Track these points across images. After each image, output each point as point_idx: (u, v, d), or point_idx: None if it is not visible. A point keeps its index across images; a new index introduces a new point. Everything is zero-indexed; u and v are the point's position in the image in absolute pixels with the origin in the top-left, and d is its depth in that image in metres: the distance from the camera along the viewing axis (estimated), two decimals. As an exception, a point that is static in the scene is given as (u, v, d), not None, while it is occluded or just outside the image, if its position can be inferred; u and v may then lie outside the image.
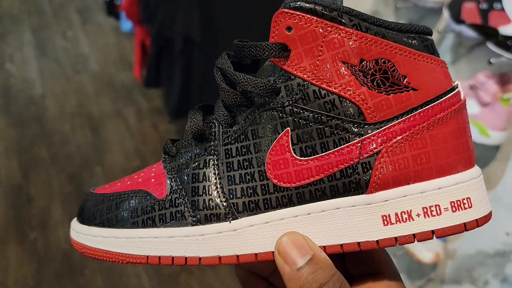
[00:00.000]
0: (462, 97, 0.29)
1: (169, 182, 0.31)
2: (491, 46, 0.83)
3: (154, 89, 2.02)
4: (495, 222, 1.00)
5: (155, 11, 1.66)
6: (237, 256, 0.29)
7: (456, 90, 0.29)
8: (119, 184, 0.34)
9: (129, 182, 0.33)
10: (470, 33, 0.86)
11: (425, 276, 1.16)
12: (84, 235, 0.32)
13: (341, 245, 0.28)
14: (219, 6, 1.56)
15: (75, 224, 0.34)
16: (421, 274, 1.16)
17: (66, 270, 1.35)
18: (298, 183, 0.28)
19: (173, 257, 0.30)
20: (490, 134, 0.89)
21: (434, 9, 1.04)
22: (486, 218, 0.28)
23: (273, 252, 0.28)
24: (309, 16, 0.27)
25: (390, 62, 0.27)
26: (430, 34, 0.29)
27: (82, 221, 0.33)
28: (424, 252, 1.08)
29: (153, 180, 0.32)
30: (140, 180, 0.33)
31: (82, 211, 0.34)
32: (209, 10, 1.55)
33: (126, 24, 2.26)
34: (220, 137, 0.31)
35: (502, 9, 0.84)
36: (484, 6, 0.86)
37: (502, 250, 0.95)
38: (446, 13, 0.92)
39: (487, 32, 0.83)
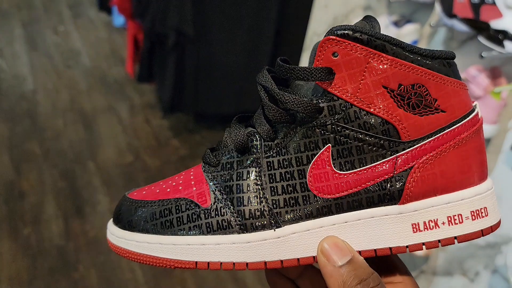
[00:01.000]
0: (479, 117, 0.32)
1: (212, 191, 0.33)
2: (482, 40, 0.84)
3: (147, 84, 2.01)
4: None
5: (148, 6, 1.66)
6: (281, 261, 0.31)
7: (476, 111, 0.32)
8: (157, 190, 0.35)
9: (168, 190, 0.34)
10: (462, 27, 0.87)
11: (417, 268, 1.17)
12: (127, 240, 0.34)
13: (375, 250, 0.31)
14: (212, 1, 1.56)
15: (114, 228, 0.35)
16: (413, 267, 1.18)
17: (60, 265, 1.35)
18: (338, 194, 0.31)
19: (221, 263, 0.32)
20: (481, 127, 0.90)
21: (426, 3, 1.05)
22: (498, 224, 0.32)
23: (313, 257, 0.31)
24: (355, 44, 0.30)
25: (424, 87, 0.30)
26: (454, 58, 0.31)
27: (124, 226, 0.34)
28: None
29: (194, 188, 0.33)
30: (180, 187, 0.34)
31: (120, 216, 0.35)
32: (201, 5, 1.55)
33: (118, 19, 2.25)
34: (262, 149, 0.32)
35: (494, 3, 0.85)
36: (475, 0, 0.86)
37: (493, 242, 0.97)
38: (438, 7, 0.92)
39: (479, 26, 0.84)
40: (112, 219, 0.36)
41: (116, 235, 0.34)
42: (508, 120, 0.90)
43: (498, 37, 0.82)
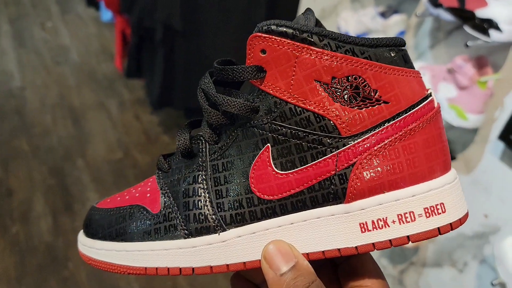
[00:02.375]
0: (435, 105, 0.30)
1: (162, 197, 0.33)
2: (468, 29, 0.83)
3: (136, 79, 2.00)
4: (473, 204, 1.01)
5: (135, 0, 1.64)
6: (227, 265, 0.31)
7: (429, 98, 0.30)
8: (119, 198, 0.36)
9: (127, 197, 0.35)
10: (447, 16, 0.86)
11: (407, 260, 1.17)
12: (89, 247, 0.35)
13: (323, 251, 0.30)
14: (200, -6, 1.55)
15: (81, 236, 0.36)
16: (403, 258, 1.18)
17: (49, 262, 1.34)
18: (280, 195, 0.30)
19: (168, 268, 0.32)
20: (468, 117, 0.90)
21: (413, -7, 1.04)
22: (461, 220, 0.30)
23: (260, 260, 0.30)
24: (281, 39, 0.29)
25: (361, 78, 0.28)
26: (403, 45, 0.30)
27: (87, 234, 0.35)
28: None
29: (148, 195, 0.34)
30: (137, 195, 0.35)
31: (87, 225, 0.36)
32: (190, -2, 1.53)
33: (106, 14, 2.23)
34: (207, 153, 0.32)
35: (479, -8, 0.84)
36: (461, -11, 0.86)
37: (481, 232, 0.97)
38: (424, -3, 0.92)
39: (464, 16, 0.84)
40: (82, 228, 0.37)
41: (82, 243, 0.36)
42: (495, 109, 0.90)
43: (484, 26, 0.81)
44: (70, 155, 1.75)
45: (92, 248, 0.34)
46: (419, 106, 0.29)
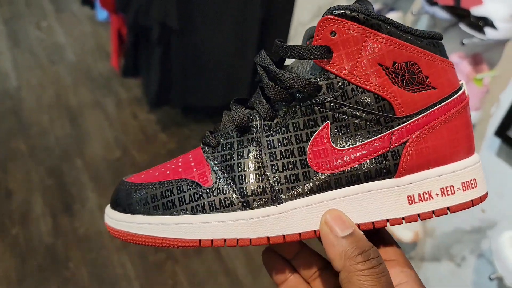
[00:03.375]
0: (466, 94, 0.34)
1: (213, 171, 0.34)
2: (463, 27, 0.84)
3: (133, 78, 1.99)
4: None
5: (130, -1, 1.63)
6: (284, 236, 0.32)
7: (463, 89, 0.34)
8: (156, 173, 0.35)
9: (168, 172, 0.35)
10: (443, 14, 0.87)
11: (405, 255, 1.18)
12: (128, 223, 0.34)
13: (373, 222, 0.32)
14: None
15: (112, 212, 0.35)
16: (401, 253, 1.18)
17: (50, 263, 1.34)
18: (336, 170, 0.32)
19: (225, 240, 0.32)
20: (464, 114, 0.90)
21: (408, -9, 1.04)
22: (486, 195, 0.34)
23: (314, 231, 0.32)
24: (352, 23, 0.31)
25: (416, 65, 0.32)
26: (441, 38, 0.33)
27: (124, 210, 0.34)
28: (404, 231, 1.11)
29: (195, 169, 0.34)
30: (180, 169, 0.35)
31: (118, 200, 0.35)
32: (185, -3, 1.53)
33: (102, 13, 2.22)
34: (262, 129, 0.34)
35: (474, -10, 0.85)
36: (456, -13, 0.86)
37: (478, 227, 0.98)
38: (420, -5, 0.92)
39: (460, 13, 0.84)
40: (109, 204, 0.36)
41: (116, 219, 0.35)
42: (491, 106, 0.91)
43: (479, 24, 0.82)
44: (67, 155, 1.74)
45: (132, 223, 0.33)
46: (458, 94, 0.33)
